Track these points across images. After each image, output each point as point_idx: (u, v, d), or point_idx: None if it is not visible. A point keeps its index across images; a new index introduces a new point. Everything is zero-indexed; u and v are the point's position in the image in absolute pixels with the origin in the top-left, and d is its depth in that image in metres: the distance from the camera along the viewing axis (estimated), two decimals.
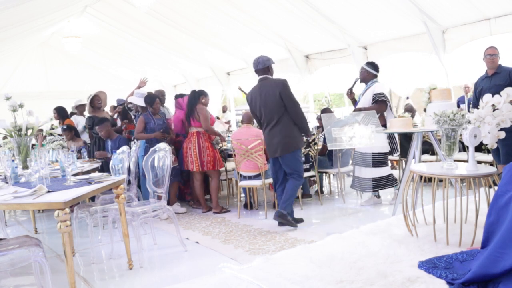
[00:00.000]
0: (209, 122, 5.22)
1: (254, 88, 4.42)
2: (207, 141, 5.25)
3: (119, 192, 3.37)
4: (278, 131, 4.24)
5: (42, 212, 5.98)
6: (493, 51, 4.79)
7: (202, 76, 12.28)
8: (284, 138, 4.23)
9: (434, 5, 6.19)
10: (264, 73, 4.34)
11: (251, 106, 4.45)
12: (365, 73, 5.00)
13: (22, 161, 3.95)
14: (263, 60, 4.32)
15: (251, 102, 4.43)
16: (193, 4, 8.11)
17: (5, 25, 6.94)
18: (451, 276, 2.29)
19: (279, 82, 4.25)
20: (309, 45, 8.85)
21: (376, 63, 5.08)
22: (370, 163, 4.88)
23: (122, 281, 3.26)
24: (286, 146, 4.23)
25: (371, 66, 5.00)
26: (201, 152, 5.19)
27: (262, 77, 4.35)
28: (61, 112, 6.45)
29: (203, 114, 5.19)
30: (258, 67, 4.34)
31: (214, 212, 5.22)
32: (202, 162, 5.20)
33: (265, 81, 4.32)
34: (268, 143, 4.37)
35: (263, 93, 4.27)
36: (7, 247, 2.64)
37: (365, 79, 5.01)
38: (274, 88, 4.21)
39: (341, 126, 4.93)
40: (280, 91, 4.18)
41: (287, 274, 2.54)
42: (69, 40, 10.01)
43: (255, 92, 4.36)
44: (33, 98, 10.32)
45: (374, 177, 4.86)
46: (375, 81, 4.98)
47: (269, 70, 4.36)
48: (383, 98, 4.80)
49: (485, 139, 2.97)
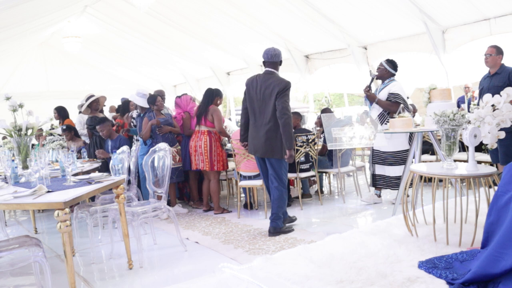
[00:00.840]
0: (222, 123, 5.23)
1: (256, 78, 4.16)
2: (218, 141, 5.26)
3: (119, 192, 3.37)
4: (266, 131, 4.03)
5: (42, 212, 5.98)
6: (490, 50, 4.76)
7: (202, 76, 12.28)
8: (270, 141, 4.03)
9: (434, 5, 6.19)
10: (272, 67, 4.14)
11: (247, 92, 4.19)
12: (384, 70, 4.91)
13: (22, 161, 3.95)
14: (276, 53, 4.13)
15: (247, 90, 4.19)
16: (193, 4, 8.11)
17: (5, 25, 6.94)
18: (451, 276, 2.29)
19: (281, 82, 4.02)
20: (309, 45, 8.85)
21: (395, 61, 4.99)
22: (394, 161, 4.82)
23: (122, 281, 3.26)
24: (271, 150, 4.04)
25: (390, 65, 4.91)
26: (212, 152, 5.19)
27: (269, 70, 4.13)
28: (61, 112, 6.45)
29: (217, 115, 5.18)
30: (268, 58, 4.12)
31: (215, 213, 5.22)
32: (212, 162, 5.19)
33: (270, 75, 4.10)
34: (252, 137, 4.15)
35: (263, 88, 4.05)
36: (7, 247, 2.64)
37: (383, 76, 4.94)
38: (274, 87, 3.98)
39: (341, 126, 4.95)
40: (278, 91, 3.96)
41: (287, 274, 2.54)
42: (69, 40, 10.00)
43: (256, 82, 4.12)
44: (33, 98, 10.32)
45: (399, 175, 4.75)
46: (392, 79, 4.90)
47: (277, 65, 4.18)
48: (397, 99, 4.74)
49: (485, 139, 2.97)
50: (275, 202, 4.15)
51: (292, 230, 4.22)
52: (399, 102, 4.74)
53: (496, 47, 4.79)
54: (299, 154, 5.15)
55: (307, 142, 5.15)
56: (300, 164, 5.22)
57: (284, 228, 4.18)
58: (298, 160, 5.16)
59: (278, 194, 4.15)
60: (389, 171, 4.88)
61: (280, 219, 4.16)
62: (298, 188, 5.31)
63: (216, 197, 5.30)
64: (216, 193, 5.30)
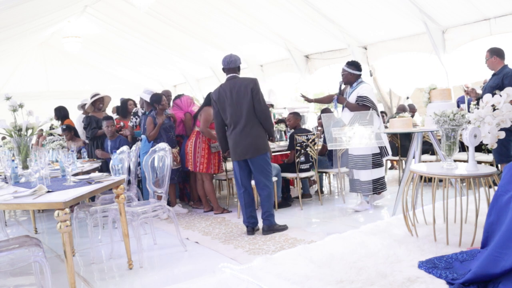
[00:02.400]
0: (207, 124, 5.11)
1: (222, 86, 4.21)
2: (205, 143, 5.19)
3: (119, 192, 3.37)
4: (248, 131, 4.08)
5: (42, 212, 5.98)
6: (485, 55, 4.73)
7: (202, 76, 12.28)
8: (255, 139, 4.09)
9: (434, 5, 6.19)
10: (234, 72, 4.21)
11: (217, 104, 4.20)
12: (348, 75, 4.77)
13: (22, 161, 3.95)
14: (235, 59, 4.20)
15: (218, 101, 4.19)
16: (193, 4, 8.11)
17: (5, 25, 6.94)
18: (451, 276, 2.29)
19: (251, 80, 4.15)
20: (309, 45, 8.85)
21: (357, 61, 4.84)
22: (363, 165, 4.73)
23: (122, 281, 3.26)
24: (258, 148, 4.11)
25: (352, 67, 4.75)
26: (195, 152, 5.18)
27: (231, 75, 4.19)
28: (60, 112, 6.43)
29: (204, 116, 5.12)
30: (230, 65, 4.18)
31: (215, 213, 5.22)
32: (196, 163, 5.18)
33: (235, 79, 4.18)
34: (236, 144, 4.14)
35: (234, 92, 4.09)
36: (7, 247, 2.64)
37: (349, 81, 4.79)
38: (246, 86, 4.08)
39: (341, 126, 4.94)
40: (252, 88, 4.06)
41: (287, 274, 2.54)
42: (69, 40, 10.00)
43: (224, 90, 4.15)
44: (33, 98, 10.30)
45: (374, 179, 4.74)
46: (361, 81, 4.78)
47: (238, 70, 4.24)
48: (365, 102, 4.63)
49: (485, 139, 2.97)
50: (265, 200, 4.20)
51: (286, 228, 4.24)
52: (367, 105, 4.62)
53: (489, 50, 4.73)
54: (299, 154, 5.15)
55: (307, 142, 5.15)
56: (300, 164, 5.22)
57: (278, 226, 4.21)
58: (298, 160, 5.16)
59: (267, 192, 4.20)
60: (359, 175, 4.80)
61: (272, 216, 4.21)
62: (298, 188, 5.31)
63: (213, 197, 5.28)
64: (211, 193, 5.27)
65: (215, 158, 5.25)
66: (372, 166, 4.71)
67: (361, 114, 4.47)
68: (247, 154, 4.13)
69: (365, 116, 4.39)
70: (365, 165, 4.73)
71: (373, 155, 4.71)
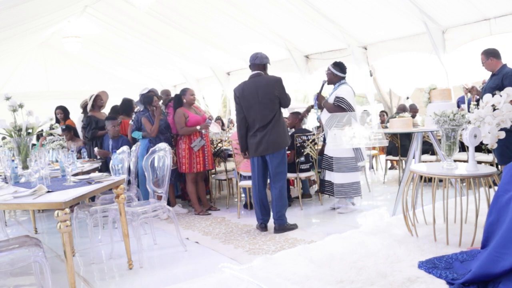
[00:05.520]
0: (181, 125, 5.07)
1: (246, 83, 4.22)
2: (185, 143, 5.14)
3: (119, 192, 3.37)
4: (271, 129, 4.14)
5: (42, 212, 5.98)
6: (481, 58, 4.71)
7: (202, 76, 12.29)
8: (278, 137, 4.16)
9: (434, 5, 6.19)
10: (259, 69, 4.22)
11: (241, 101, 4.20)
12: (331, 74, 4.81)
13: (22, 161, 3.95)
14: (261, 56, 4.22)
15: (242, 98, 4.19)
16: (193, 4, 8.12)
17: (5, 25, 6.94)
18: (451, 276, 2.29)
19: (277, 80, 4.17)
20: (309, 45, 8.86)
21: (343, 63, 4.88)
22: (338, 167, 4.73)
23: (122, 281, 3.26)
24: (278, 144, 4.17)
25: (337, 68, 4.79)
26: (178, 154, 5.20)
27: (256, 72, 4.20)
28: (66, 111, 6.44)
29: (176, 119, 5.11)
30: (254, 61, 4.21)
31: (195, 213, 5.20)
32: (180, 164, 5.19)
33: (260, 77, 4.19)
34: (259, 142, 4.16)
35: (259, 91, 4.11)
36: (7, 247, 2.64)
37: (332, 80, 4.83)
38: (272, 85, 4.12)
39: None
40: (278, 88, 4.13)
41: (287, 274, 2.55)
42: (69, 40, 10.00)
43: (249, 88, 4.16)
44: (33, 98, 10.29)
45: (342, 183, 4.73)
46: (342, 82, 4.80)
47: (264, 68, 4.24)
48: (340, 103, 4.64)
49: (485, 139, 2.97)
50: (278, 200, 4.21)
51: (296, 227, 4.27)
52: (341, 106, 4.63)
53: (484, 52, 4.68)
54: (300, 154, 5.15)
55: (306, 142, 5.15)
56: (300, 164, 5.21)
57: (289, 225, 4.25)
58: (298, 160, 5.16)
59: (279, 192, 4.22)
60: (333, 177, 4.80)
61: (284, 216, 4.24)
62: (298, 188, 5.30)
63: (194, 198, 5.25)
64: (193, 194, 5.25)
65: (198, 156, 5.20)
66: (346, 169, 4.72)
67: (339, 116, 4.49)
68: (268, 150, 4.18)
69: (342, 118, 4.40)
70: (339, 167, 4.75)
71: (347, 159, 4.72)
